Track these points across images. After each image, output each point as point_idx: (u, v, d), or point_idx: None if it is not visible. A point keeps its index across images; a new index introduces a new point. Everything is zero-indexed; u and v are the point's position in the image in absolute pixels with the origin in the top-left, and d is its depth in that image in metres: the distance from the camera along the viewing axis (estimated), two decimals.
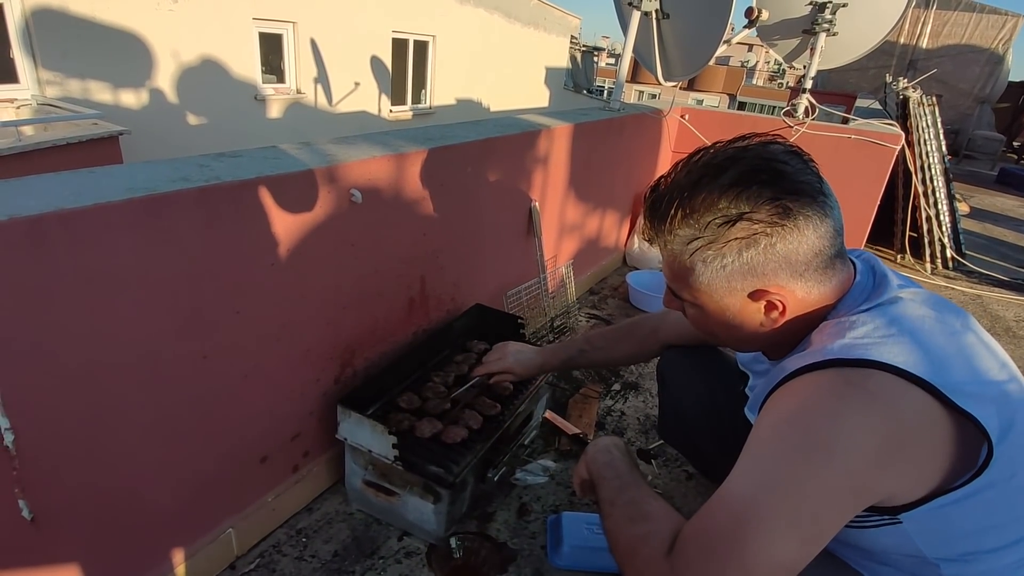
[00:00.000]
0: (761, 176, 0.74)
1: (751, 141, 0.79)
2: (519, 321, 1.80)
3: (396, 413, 1.40)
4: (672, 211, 0.78)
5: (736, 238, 0.75)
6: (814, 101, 3.32)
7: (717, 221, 0.75)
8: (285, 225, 1.16)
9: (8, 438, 0.84)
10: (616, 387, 2.12)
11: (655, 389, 2.14)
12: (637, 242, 3.25)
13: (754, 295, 0.79)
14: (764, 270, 0.76)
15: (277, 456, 1.33)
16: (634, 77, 17.51)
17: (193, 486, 1.15)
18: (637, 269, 3.17)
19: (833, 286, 0.81)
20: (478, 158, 1.73)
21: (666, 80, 2.98)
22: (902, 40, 10.47)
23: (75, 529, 0.97)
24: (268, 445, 1.29)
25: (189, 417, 1.09)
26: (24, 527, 0.89)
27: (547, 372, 1.53)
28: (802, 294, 0.79)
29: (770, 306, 0.80)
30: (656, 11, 2.71)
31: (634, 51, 2.96)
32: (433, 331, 1.72)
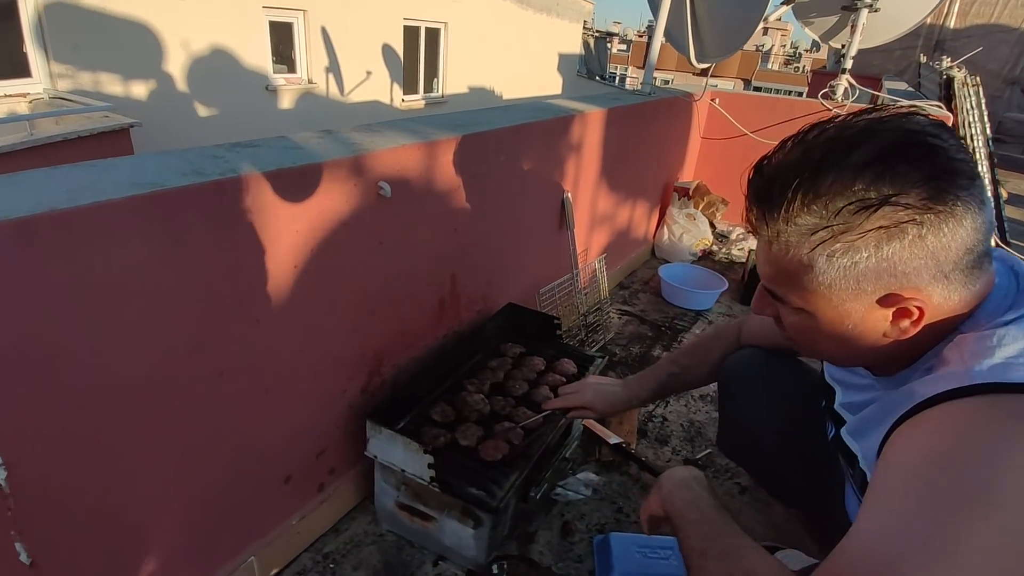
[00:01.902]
0: (909, 152, 0.60)
1: (883, 113, 0.65)
2: (555, 321, 1.67)
3: (430, 428, 1.28)
4: (789, 195, 0.64)
5: (876, 228, 0.61)
6: (855, 82, 3.14)
7: (852, 207, 0.61)
8: (308, 222, 1.04)
9: (0, 475, 0.73)
10: None
11: (699, 392, 2.00)
12: (667, 233, 3.10)
13: (885, 300, 0.65)
14: (905, 268, 0.62)
15: (301, 475, 1.21)
16: (644, 62, 17.14)
17: (210, 514, 1.04)
18: (667, 262, 3.03)
19: (974, 291, 0.67)
20: (511, 145, 1.59)
21: (699, 62, 2.81)
22: (929, 19, 10.14)
23: (80, 572, 0.86)
24: (292, 464, 1.18)
25: (205, 440, 0.98)
26: (22, 573, 0.78)
27: (635, 407, 1.37)
28: (939, 299, 0.65)
29: (902, 313, 0.66)
30: None
31: (665, 32, 2.79)
32: (465, 334, 1.59)
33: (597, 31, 13.17)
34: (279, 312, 1.03)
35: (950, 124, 2.92)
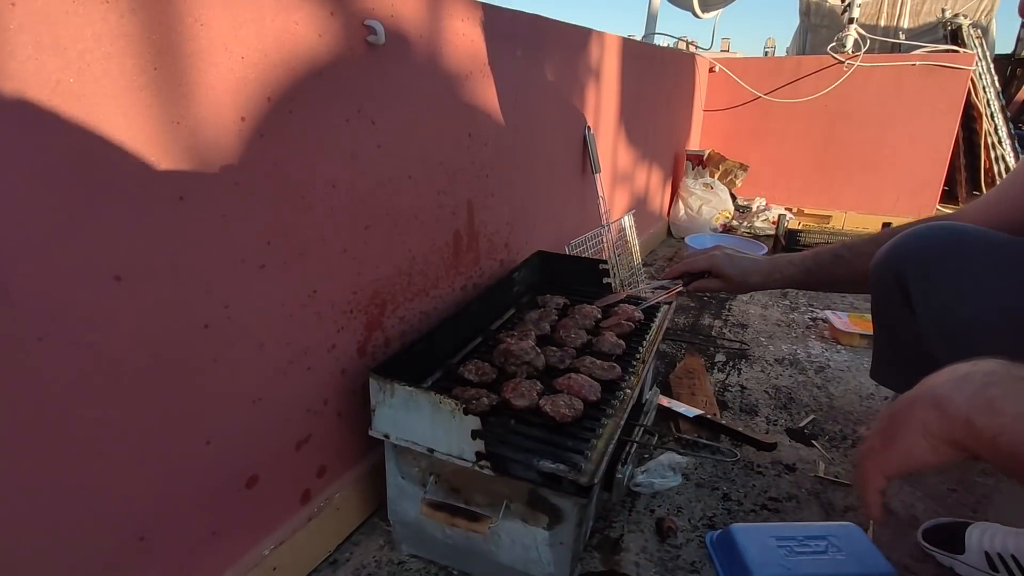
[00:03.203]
0: None
1: None
2: (601, 266, 1.29)
3: (464, 389, 0.88)
4: None
5: None
6: (863, 32, 2.92)
7: None
8: (261, 51, 0.66)
9: None
10: (720, 358, 1.60)
11: (776, 356, 1.62)
12: (683, 208, 2.77)
13: None
14: None
15: (273, 476, 0.79)
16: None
17: (116, 546, 0.62)
18: (684, 239, 2.69)
19: None
20: (528, 41, 1.25)
21: (703, 11, 2.55)
22: (883, 22, 10.37)
23: None
24: (256, 458, 0.76)
25: (93, 424, 0.57)
26: None
27: (774, 287, 1.00)
28: None
29: None
30: None
31: None
32: (487, 287, 1.20)
33: None
34: (208, 186, 0.64)
35: (975, 62, 2.67)
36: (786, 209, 2.97)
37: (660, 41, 2.25)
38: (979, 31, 3.39)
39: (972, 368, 0.50)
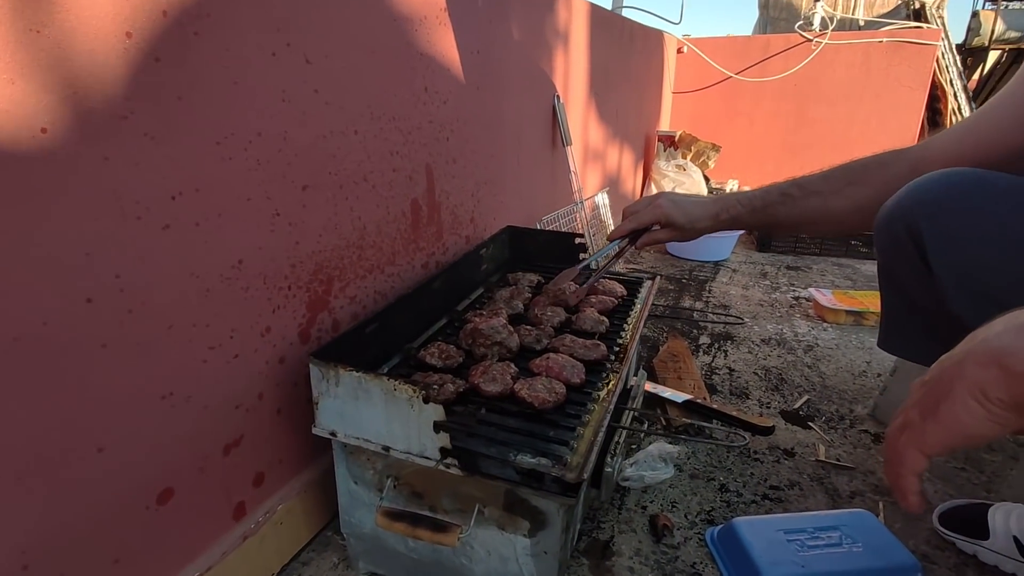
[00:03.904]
0: None
1: None
2: (578, 240, 1.18)
3: (424, 375, 0.75)
4: None
5: None
6: (832, 12, 2.88)
7: None
8: None
9: None
10: (704, 340, 1.51)
11: (762, 335, 1.54)
12: (655, 191, 2.68)
13: None
14: None
15: (195, 488, 0.65)
16: None
17: None
18: None
19: None
20: None
21: None
22: (839, 13, 10.56)
23: None
24: (170, 466, 0.62)
25: None
26: None
27: (722, 228, 0.89)
28: None
29: None
30: None
31: None
32: (451, 264, 1.07)
33: None
34: (81, 117, 0.50)
35: (941, 36, 2.65)
36: None
37: (627, 15, 2.15)
38: (940, 12, 3.40)
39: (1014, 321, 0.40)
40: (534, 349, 0.82)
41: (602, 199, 1.73)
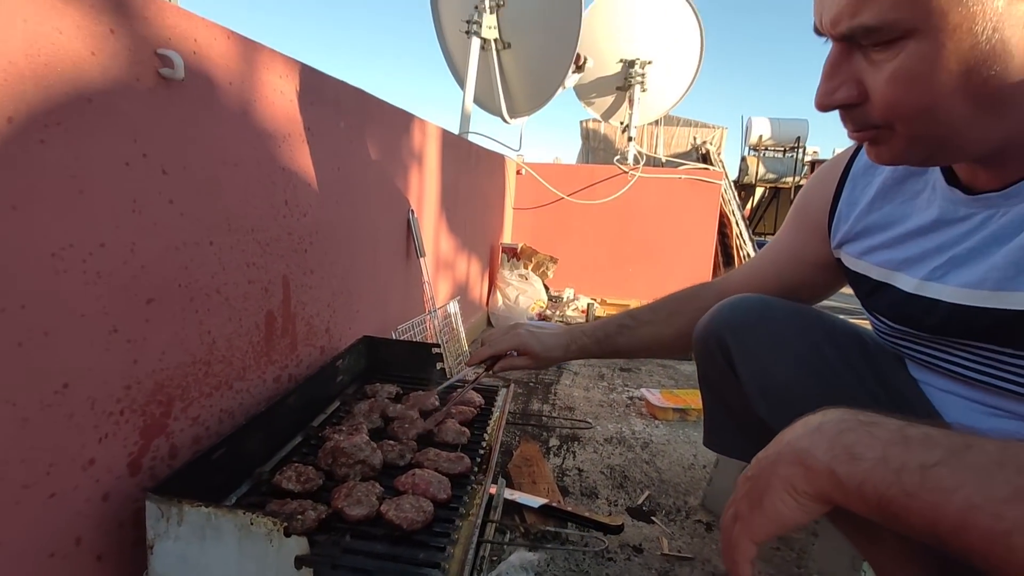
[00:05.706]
0: None
1: None
2: (435, 351, 1.20)
3: (282, 501, 0.69)
4: None
5: None
6: (641, 149, 3.42)
7: None
8: (9, 79, 0.49)
9: None
10: (553, 443, 1.57)
11: (605, 436, 1.64)
12: (501, 298, 2.83)
13: None
14: None
15: None
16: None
17: None
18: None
19: None
20: (354, 112, 1.18)
21: (511, 117, 2.77)
22: (645, 149, 12.50)
23: None
24: None
25: None
26: None
27: (575, 356, 0.95)
28: None
29: None
30: (496, 40, 2.52)
31: (475, 99, 2.72)
32: (305, 377, 1.03)
33: None
34: None
35: (723, 177, 3.27)
36: (592, 299, 3.21)
37: (474, 140, 2.38)
38: (720, 159, 4.21)
39: (823, 419, 0.50)
40: (398, 465, 0.81)
41: (454, 307, 1.80)
